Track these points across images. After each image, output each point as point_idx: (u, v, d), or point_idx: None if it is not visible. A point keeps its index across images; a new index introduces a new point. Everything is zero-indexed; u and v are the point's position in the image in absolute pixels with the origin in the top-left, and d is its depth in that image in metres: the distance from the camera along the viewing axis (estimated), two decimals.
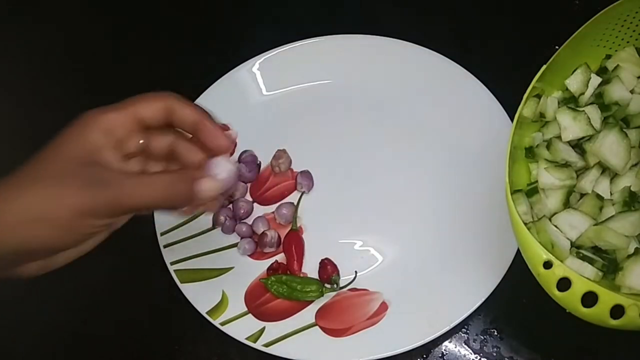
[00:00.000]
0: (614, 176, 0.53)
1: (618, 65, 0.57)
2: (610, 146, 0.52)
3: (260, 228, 0.60)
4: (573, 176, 0.53)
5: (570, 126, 0.55)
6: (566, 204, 0.53)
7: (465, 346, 0.55)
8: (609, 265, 0.49)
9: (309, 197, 0.62)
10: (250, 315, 0.56)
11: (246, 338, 0.54)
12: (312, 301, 0.56)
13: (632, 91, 0.56)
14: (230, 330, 0.55)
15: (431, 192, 0.60)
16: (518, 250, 0.53)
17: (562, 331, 0.53)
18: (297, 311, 0.56)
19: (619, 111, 0.55)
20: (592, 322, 0.44)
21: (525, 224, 0.46)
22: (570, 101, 0.57)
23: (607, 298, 0.42)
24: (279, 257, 0.59)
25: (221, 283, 0.57)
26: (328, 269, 0.57)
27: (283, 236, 0.60)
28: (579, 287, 0.43)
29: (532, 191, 0.54)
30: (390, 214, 0.60)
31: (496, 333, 0.55)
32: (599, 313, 0.43)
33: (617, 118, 0.55)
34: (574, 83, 0.57)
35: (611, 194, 0.53)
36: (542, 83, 0.55)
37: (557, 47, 0.54)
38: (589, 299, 0.43)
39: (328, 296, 0.57)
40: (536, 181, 0.54)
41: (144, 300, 0.59)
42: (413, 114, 0.64)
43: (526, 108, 0.54)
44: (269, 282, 0.57)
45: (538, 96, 0.56)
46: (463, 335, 0.55)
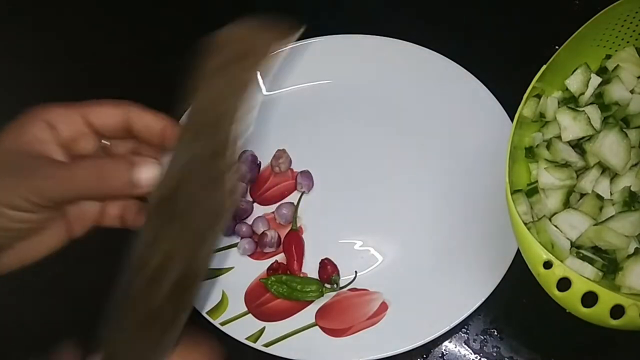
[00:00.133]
0: (614, 176, 0.53)
1: (618, 65, 0.57)
2: (610, 146, 0.52)
3: (260, 228, 0.60)
4: (573, 176, 0.53)
5: (570, 126, 0.55)
6: (566, 204, 0.53)
7: (465, 346, 0.54)
8: (609, 265, 0.49)
9: (309, 197, 0.62)
10: (250, 315, 0.56)
11: (246, 338, 0.54)
12: (312, 301, 0.56)
13: (632, 91, 0.56)
14: (230, 330, 0.55)
15: (431, 192, 0.60)
16: (518, 250, 0.53)
17: (562, 331, 0.53)
18: (297, 311, 0.56)
19: (619, 111, 0.55)
20: (592, 322, 0.44)
21: (525, 224, 0.46)
22: (570, 101, 0.57)
23: (607, 298, 0.42)
24: (279, 257, 0.59)
25: (221, 283, 0.57)
26: (328, 269, 0.57)
27: (283, 236, 0.60)
28: (579, 287, 0.43)
29: (532, 191, 0.54)
30: (390, 214, 0.60)
31: (496, 333, 0.55)
32: (599, 313, 0.43)
33: (617, 118, 0.55)
34: (574, 83, 0.57)
35: (611, 194, 0.53)
36: (542, 83, 0.55)
37: (557, 47, 0.54)
38: (589, 299, 0.43)
39: (328, 296, 0.57)
40: (536, 181, 0.54)
41: None
42: (413, 114, 0.64)
43: (526, 108, 0.54)
44: (269, 282, 0.57)
45: (538, 96, 0.56)
46: (463, 335, 0.55)
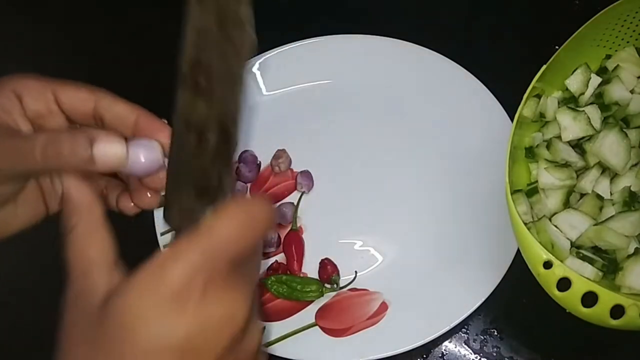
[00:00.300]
0: (614, 176, 0.53)
1: (618, 65, 0.57)
2: (610, 146, 0.52)
3: None
4: (573, 176, 0.54)
5: (570, 126, 0.55)
6: (566, 204, 0.53)
7: (465, 346, 0.54)
8: (609, 265, 0.49)
9: (309, 197, 0.62)
10: None
11: None
12: (312, 301, 0.56)
13: (632, 91, 0.56)
14: None
15: (431, 192, 0.60)
16: (518, 250, 0.53)
17: (562, 331, 0.53)
18: (297, 311, 0.56)
19: (619, 111, 0.55)
20: (592, 322, 0.44)
21: (525, 224, 0.46)
22: (570, 101, 0.57)
23: (607, 298, 0.42)
24: (279, 257, 0.59)
25: None
26: (328, 269, 0.57)
27: (283, 236, 0.60)
28: (579, 287, 0.43)
29: (532, 191, 0.54)
30: (390, 214, 0.60)
31: (496, 333, 0.55)
32: (599, 313, 0.43)
33: (617, 118, 0.55)
34: (574, 83, 0.57)
35: (611, 194, 0.53)
36: (542, 83, 0.55)
37: (557, 47, 0.54)
38: (589, 299, 0.43)
39: (328, 296, 0.57)
40: (536, 181, 0.54)
41: None
42: (413, 114, 0.64)
43: (526, 108, 0.54)
44: (269, 282, 0.57)
45: (538, 96, 0.56)
46: (463, 335, 0.55)
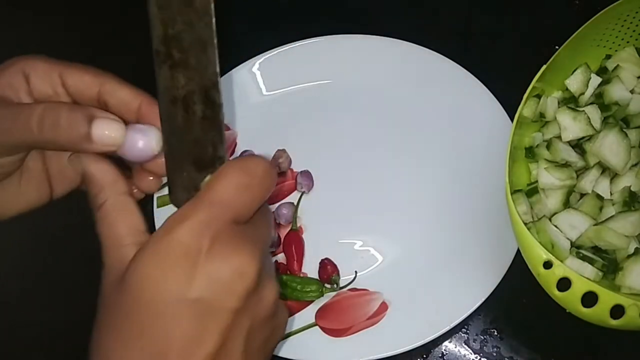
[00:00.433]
0: (614, 176, 0.53)
1: (618, 65, 0.57)
2: (610, 146, 0.52)
3: None
4: (573, 176, 0.54)
5: (570, 126, 0.55)
6: (566, 204, 0.53)
7: (465, 346, 0.54)
8: (609, 265, 0.49)
9: (309, 197, 0.62)
10: None
11: None
12: (312, 301, 0.56)
13: (632, 91, 0.56)
14: None
15: (431, 192, 0.60)
16: (518, 250, 0.53)
17: (562, 331, 0.53)
18: (297, 311, 0.56)
19: (619, 111, 0.55)
20: (592, 322, 0.44)
21: (525, 224, 0.46)
22: (570, 101, 0.57)
23: (607, 298, 0.42)
24: (279, 257, 0.59)
25: None
26: (328, 269, 0.57)
27: (283, 236, 0.60)
28: (579, 287, 0.43)
29: (532, 191, 0.54)
30: (390, 214, 0.60)
31: (496, 333, 0.55)
32: (599, 313, 0.43)
33: (617, 118, 0.55)
34: (574, 83, 0.57)
35: (611, 194, 0.53)
36: (542, 83, 0.55)
37: (557, 47, 0.54)
38: (589, 299, 0.43)
39: (328, 296, 0.56)
40: (536, 181, 0.54)
41: None
42: (413, 114, 0.64)
43: (526, 108, 0.54)
44: None
45: (538, 96, 0.56)
46: (463, 335, 0.55)
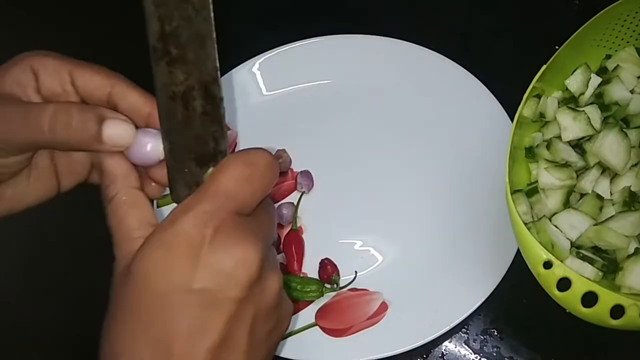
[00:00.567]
0: (614, 176, 0.53)
1: (618, 65, 0.57)
2: (610, 146, 0.52)
3: None
4: (573, 176, 0.54)
5: (570, 126, 0.55)
6: (566, 204, 0.53)
7: (465, 346, 0.54)
8: (609, 265, 0.49)
9: (309, 197, 0.62)
10: None
11: None
12: (312, 301, 0.56)
13: (632, 91, 0.56)
14: None
15: (431, 192, 0.60)
16: (518, 250, 0.53)
17: (562, 331, 0.53)
18: (297, 311, 0.56)
19: (619, 111, 0.55)
20: (592, 322, 0.44)
21: (525, 224, 0.46)
22: (570, 101, 0.57)
23: (607, 298, 0.42)
24: (279, 257, 0.59)
25: None
26: (328, 269, 0.57)
27: (283, 236, 0.60)
28: (579, 287, 0.43)
29: (532, 191, 0.54)
30: (390, 214, 0.60)
31: (496, 333, 0.55)
32: (599, 313, 0.43)
33: (617, 118, 0.55)
34: (574, 83, 0.57)
35: (611, 194, 0.53)
36: (542, 83, 0.55)
37: (557, 47, 0.54)
38: (589, 299, 0.43)
39: (328, 296, 0.56)
40: (536, 181, 0.54)
41: None
42: (413, 114, 0.64)
43: (526, 108, 0.54)
44: None
45: (538, 96, 0.56)
46: (463, 335, 0.55)
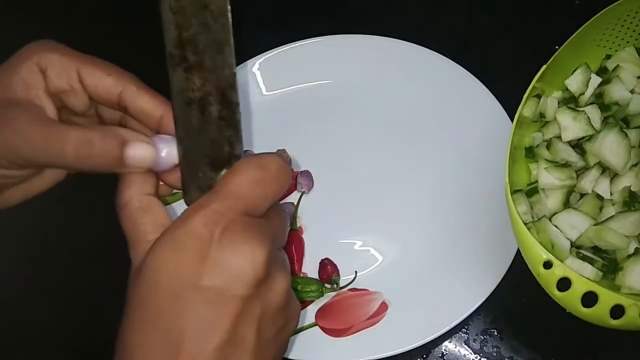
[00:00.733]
0: (614, 176, 0.53)
1: (618, 65, 0.57)
2: (610, 146, 0.52)
3: None
4: (573, 176, 0.54)
5: (570, 126, 0.55)
6: (566, 204, 0.53)
7: (465, 346, 0.54)
8: (609, 265, 0.49)
9: (309, 197, 0.61)
10: None
11: None
12: (312, 301, 0.56)
13: (632, 91, 0.56)
14: None
15: (431, 192, 0.60)
16: (518, 250, 0.53)
17: (562, 331, 0.53)
18: None
19: (619, 111, 0.55)
20: (592, 322, 0.44)
21: (525, 224, 0.46)
22: (570, 101, 0.57)
23: (607, 298, 0.42)
24: None
25: None
26: (328, 269, 0.57)
27: None
28: (579, 287, 0.43)
29: (532, 191, 0.54)
30: (390, 214, 0.60)
31: (496, 333, 0.55)
32: (599, 313, 0.43)
33: (617, 118, 0.55)
34: (574, 83, 0.57)
35: (611, 194, 0.53)
36: (542, 83, 0.55)
37: (557, 47, 0.54)
38: (589, 299, 0.43)
39: (328, 296, 0.56)
40: (536, 181, 0.54)
41: None
42: (413, 114, 0.64)
43: (526, 108, 0.54)
44: None
45: (538, 96, 0.56)
46: (463, 335, 0.55)
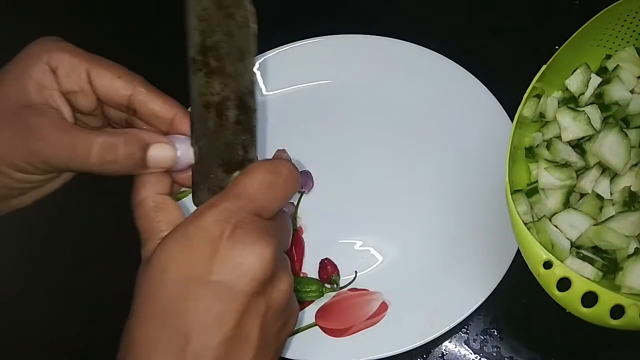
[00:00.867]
0: (614, 176, 0.53)
1: (618, 65, 0.57)
2: (610, 146, 0.52)
3: None
4: (573, 176, 0.54)
5: (570, 126, 0.55)
6: (566, 204, 0.53)
7: (465, 346, 0.54)
8: (609, 265, 0.49)
9: (309, 197, 0.61)
10: None
11: None
12: (312, 301, 0.56)
13: (632, 91, 0.56)
14: None
15: (431, 192, 0.60)
16: (518, 250, 0.53)
17: (562, 331, 0.53)
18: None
19: (619, 111, 0.55)
20: (592, 322, 0.44)
21: (525, 224, 0.46)
22: (570, 101, 0.57)
23: (607, 298, 0.42)
24: None
25: None
26: (328, 269, 0.57)
27: None
28: (579, 287, 0.43)
29: (532, 191, 0.54)
30: (390, 214, 0.60)
31: (496, 333, 0.55)
32: (599, 313, 0.43)
33: (617, 118, 0.55)
34: (574, 83, 0.57)
35: (611, 194, 0.53)
36: (542, 83, 0.55)
37: (557, 47, 0.54)
38: (589, 299, 0.43)
39: (328, 296, 0.56)
40: (536, 181, 0.54)
41: None
42: (413, 114, 0.64)
43: (526, 108, 0.54)
44: None
45: (538, 96, 0.56)
46: (463, 335, 0.55)
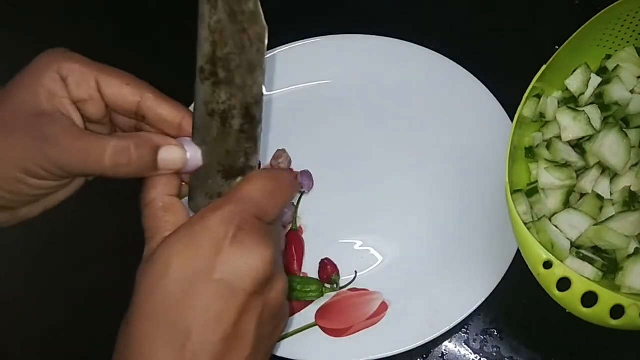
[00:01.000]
0: (614, 176, 0.53)
1: (618, 65, 0.57)
2: (610, 146, 0.52)
3: None
4: (573, 176, 0.54)
5: (570, 126, 0.55)
6: (566, 204, 0.53)
7: (465, 346, 0.55)
8: (609, 265, 0.49)
9: (309, 197, 0.61)
10: None
11: None
12: (312, 301, 0.56)
13: (632, 91, 0.56)
14: None
15: (431, 192, 0.60)
16: (518, 250, 0.53)
17: (562, 331, 0.53)
18: (297, 311, 0.56)
19: (619, 111, 0.55)
20: (592, 322, 0.44)
21: (525, 224, 0.46)
22: (570, 101, 0.57)
23: (607, 298, 0.42)
24: None
25: None
26: (328, 269, 0.57)
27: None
28: (579, 287, 0.43)
29: (532, 191, 0.54)
30: (390, 214, 0.60)
31: (496, 333, 0.55)
32: (599, 313, 0.43)
33: (617, 118, 0.55)
34: (574, 83, 0.57)
35: (611, 194, 0.53)
36: (542, 83, 0.55)
37: (557, 47, 0.54)
38: (589, 299, 0.43)
39: (328, 296, 0.56)
40: (536, 181, 0.54)
41: None
42: (413, 114, 0.64)
43: (526, 108, 0.54)
44: None
45: (538, 96, 0.56)
46: (463, 335, 0.55)
